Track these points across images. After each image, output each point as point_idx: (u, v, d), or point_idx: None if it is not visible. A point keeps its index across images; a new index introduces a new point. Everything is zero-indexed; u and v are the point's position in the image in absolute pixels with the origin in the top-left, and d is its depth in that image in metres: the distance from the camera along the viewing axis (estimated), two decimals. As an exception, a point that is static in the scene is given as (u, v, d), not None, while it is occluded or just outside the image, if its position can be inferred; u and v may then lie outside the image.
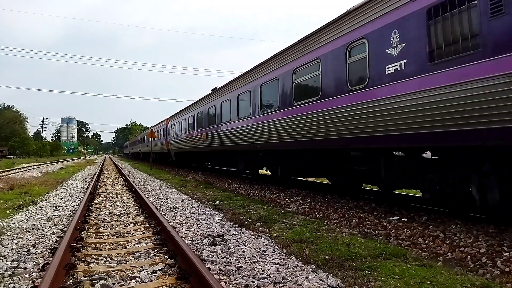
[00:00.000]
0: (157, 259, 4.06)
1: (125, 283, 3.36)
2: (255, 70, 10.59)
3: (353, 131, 6.27)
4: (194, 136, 17.32)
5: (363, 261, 3.91)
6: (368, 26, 5.95)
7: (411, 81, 5.06)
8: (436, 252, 4.42)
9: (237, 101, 11.78)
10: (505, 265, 3.71)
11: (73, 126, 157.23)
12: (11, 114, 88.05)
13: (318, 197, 8.41)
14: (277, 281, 3.35)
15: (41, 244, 4.71)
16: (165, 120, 25.77)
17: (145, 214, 6.86)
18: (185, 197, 9.47)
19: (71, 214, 6.92)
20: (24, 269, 3.73)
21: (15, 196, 9.80)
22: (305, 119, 7.76)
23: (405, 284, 3.23)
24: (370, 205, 7.07)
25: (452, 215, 5.79)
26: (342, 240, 4.75)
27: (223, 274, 3.57)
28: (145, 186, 12.48)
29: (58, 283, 3.16)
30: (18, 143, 72.52)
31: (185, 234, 5.26)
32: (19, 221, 6.22)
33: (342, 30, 6.63)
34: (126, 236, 5.29)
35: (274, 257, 4.11)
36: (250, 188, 11.25)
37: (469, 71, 4.29)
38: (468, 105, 4.30)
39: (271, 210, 7.16)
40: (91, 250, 4.47)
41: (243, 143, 11.20)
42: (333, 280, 3.34)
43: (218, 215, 6.83)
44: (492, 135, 4.08)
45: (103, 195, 10.03)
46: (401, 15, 5.27)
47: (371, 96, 5.84)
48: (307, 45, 7.76)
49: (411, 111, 5.07)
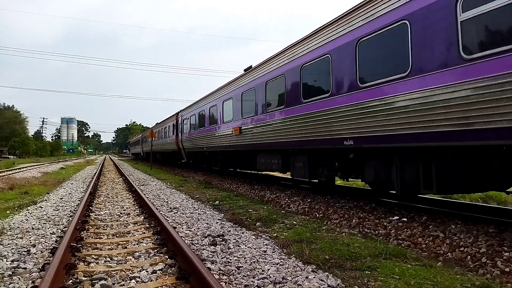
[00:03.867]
0: (157, 259, 4.06)
1: (125, 283, 3.36)
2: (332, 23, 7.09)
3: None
4: (217, 131, 13.74)
5: (363, 261, 3.91)
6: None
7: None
8: (436, 252, 4.42)
9: (299, 76, 8.08)
10: (505, 265, 3.71)
11: (73, 126, 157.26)
12: (11, 114, 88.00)
13: (318, 197, 8.41)
14: (277, 281, 3.35)
15: (41, 244, 4.71)
16: (175, 115, 22.39)
17: (145, 214, 6.86)
18: (185, 197, 9.47)
19: (71, 214, 6.92)
20: (24, 269, 3.73)
21: (15, 196, 9.80)
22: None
23: (405, 284, 3.23)
24: (370, 205, 7.07)
25: (452, 215, 5.79)
26: (342, 240, 4.75)
27: (223, 274, 3.57)
28: (145, 186, 12.48)
29: (58, 283, 3.16)
30: (18, 143, 72.48)
31: (185, 234, 5.26)
32: (19, 221, 6.22)
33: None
34: (126, 236, 5.29)
35: (274, 257, 4.11)
36: (250, 188, 11.24)
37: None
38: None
39: (271, 210, 7.16)
40: (91, 250, 4.46)
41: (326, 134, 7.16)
42: (333, 280, 3.34)
43: (218, 215, 6.83)
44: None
45: (103, 195, 10.03)
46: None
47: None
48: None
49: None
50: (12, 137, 74.77)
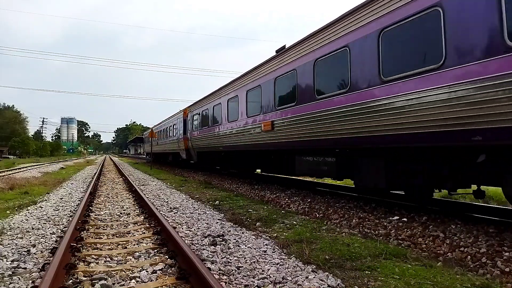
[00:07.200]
0: (157, 259, 4.06)
1: (125, 283, 3.36)
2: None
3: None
4: (240, 128, 11.54)
5: (363, 261, 3.91)
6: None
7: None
8: (436, 252, 4.42)
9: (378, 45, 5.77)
10: (505, 265, 3.71)
11: (73, 126, 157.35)
12: (11, 114, 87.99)
13: (318, 197, 8.41)
14: (277, 281, 3.35)
15: (41, 244, 4.71)
16: (183, 111, 20.36)
17: (145, 214, 6.86)
18: (185, 197, 9.47)
19: (71, 214, 6.92)
20: (24, 269, 3.72)
21: (15, 196, 9.80)
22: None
23: (405, 284, 3.23)
24: (370, 205, 7.07)
25: (452, 215, 5.79)
26: (342, 240, 4.75)
27: (223, 274, 3.57)
28: (145, 186, 12.48)
29: (58, 283, 3.16)
30: (18, 143, 72.47)
31: (185, 234, 5.26)
32: (19, 221, 6.22)
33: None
34: (126, 236, 5.29)
35: (274, 257, 4.11)
36: (250, 188, 11.24)
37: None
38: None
39: (271, 210, 7.16)
40: (91, 250, 4.46)
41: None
42: (333, 280, 3.34)
43: (218, 215, 6.83)
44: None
45: (103, 195, 10.03)
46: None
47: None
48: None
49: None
50: (12, 137, 74.76)
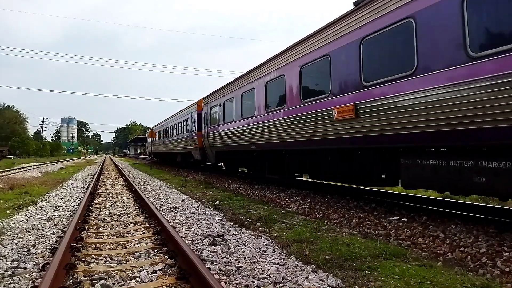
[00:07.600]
0: (157, 259, 4.06)
1: (125, 283, 3.36)
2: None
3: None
4: (290, 118, 8.48)
5: (363, 261, 3.91)
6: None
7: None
8: (436, 252, 4.42)
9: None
10: (505, 265, 3.71)
11: (73, 126, 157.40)
12: (11, 114, 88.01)
13: (318, 197, 8.41)
14: (277, 281, 3.35)
15: (41, 244, 4.71)
16: (196, 104, 17.16)
17: (145, 214, 6.86)
18: (185, 197, 9.46)
19: (71, 214, 6.92)
20: (24, 269, 3.72)
21: (15, 196, 9.80)
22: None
23: (405, 284, 3.23)
24: (370, 205, 7.07)
25: (452, 215, 5.79)
26: (342, 240, 4.75)
27: (223, 274, 3.57)
28: (145, 186, 12.48)
29: (58, 283, 3.16)
30: (18, 143, 72.48)
31: (185, 234, 5.26)
32: (19, 221, 6.22)
33: None
34: (126, 236, 5.29)
35: (274, 257, 4.11)
36: (250, 188, 11.24)
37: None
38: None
39: (271, 210, 7.15)
40: (91, 250, 4.47)
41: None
42: (333, 280, 3.34)
43: (218, 215, 6.83)
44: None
45: (103, 195, 10.03)
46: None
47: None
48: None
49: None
50: (12, 137, 74.78)
